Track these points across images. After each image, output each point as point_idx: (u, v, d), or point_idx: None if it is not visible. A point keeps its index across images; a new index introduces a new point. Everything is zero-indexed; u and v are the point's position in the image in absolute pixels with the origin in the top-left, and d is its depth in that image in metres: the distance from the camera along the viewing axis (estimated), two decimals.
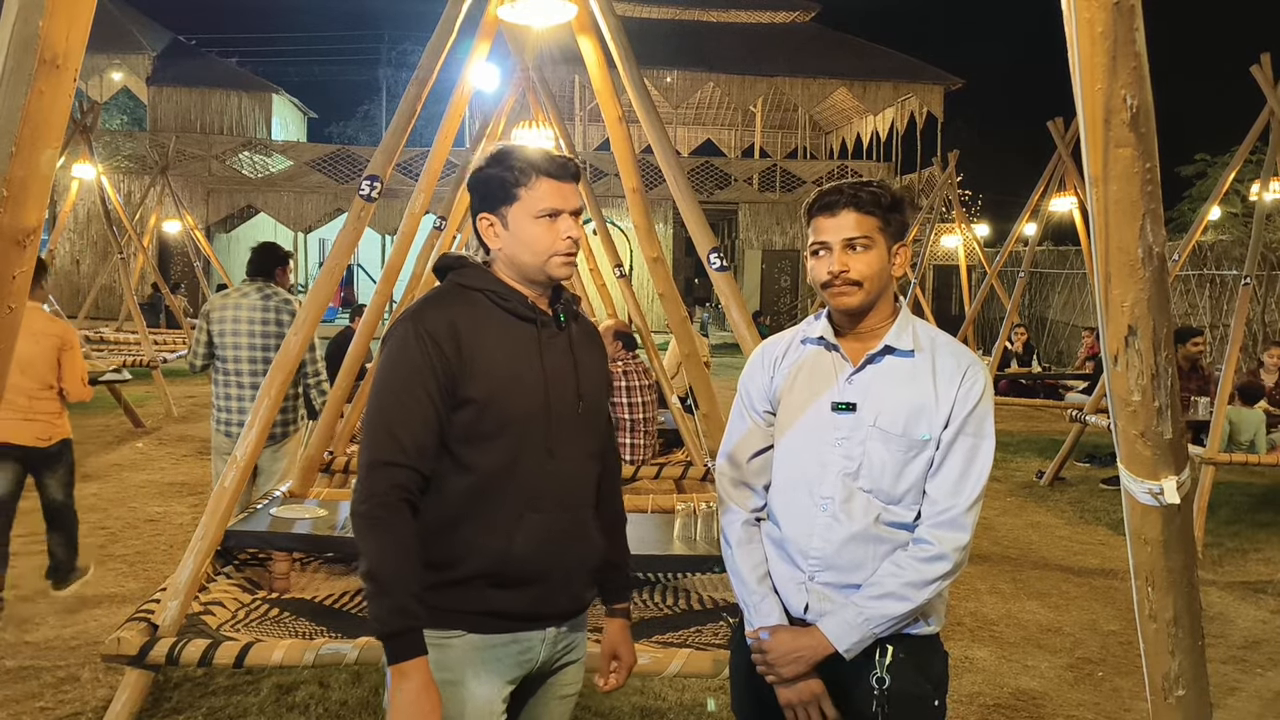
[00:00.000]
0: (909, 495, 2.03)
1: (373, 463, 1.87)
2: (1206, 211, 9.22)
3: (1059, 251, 20.41)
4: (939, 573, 1.99)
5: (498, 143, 2.10)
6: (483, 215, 2.01)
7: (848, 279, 2.03)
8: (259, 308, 5.20)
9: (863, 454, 2.03)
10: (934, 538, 2.00)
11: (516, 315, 2.00)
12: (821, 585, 2.07)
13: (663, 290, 5.13)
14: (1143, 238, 1.45)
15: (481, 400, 1.91)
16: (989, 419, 2.04)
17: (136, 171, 25.60)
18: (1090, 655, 4.77)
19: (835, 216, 2.04)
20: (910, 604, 1.99)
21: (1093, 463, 9.51)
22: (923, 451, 2.02)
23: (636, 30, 10.42)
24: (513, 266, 2.02)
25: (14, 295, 1.40)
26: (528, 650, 2.00)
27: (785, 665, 2.03)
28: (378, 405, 1.92)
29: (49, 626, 4.69)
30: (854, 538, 2.03)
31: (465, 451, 1.93)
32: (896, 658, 2.03)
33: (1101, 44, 1.35)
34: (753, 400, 2.21)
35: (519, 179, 1.98)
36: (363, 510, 1.86)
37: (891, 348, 2.06)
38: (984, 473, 2.02)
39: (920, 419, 2.02)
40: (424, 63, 4.10)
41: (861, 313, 2.07)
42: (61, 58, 1.33)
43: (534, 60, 8.22)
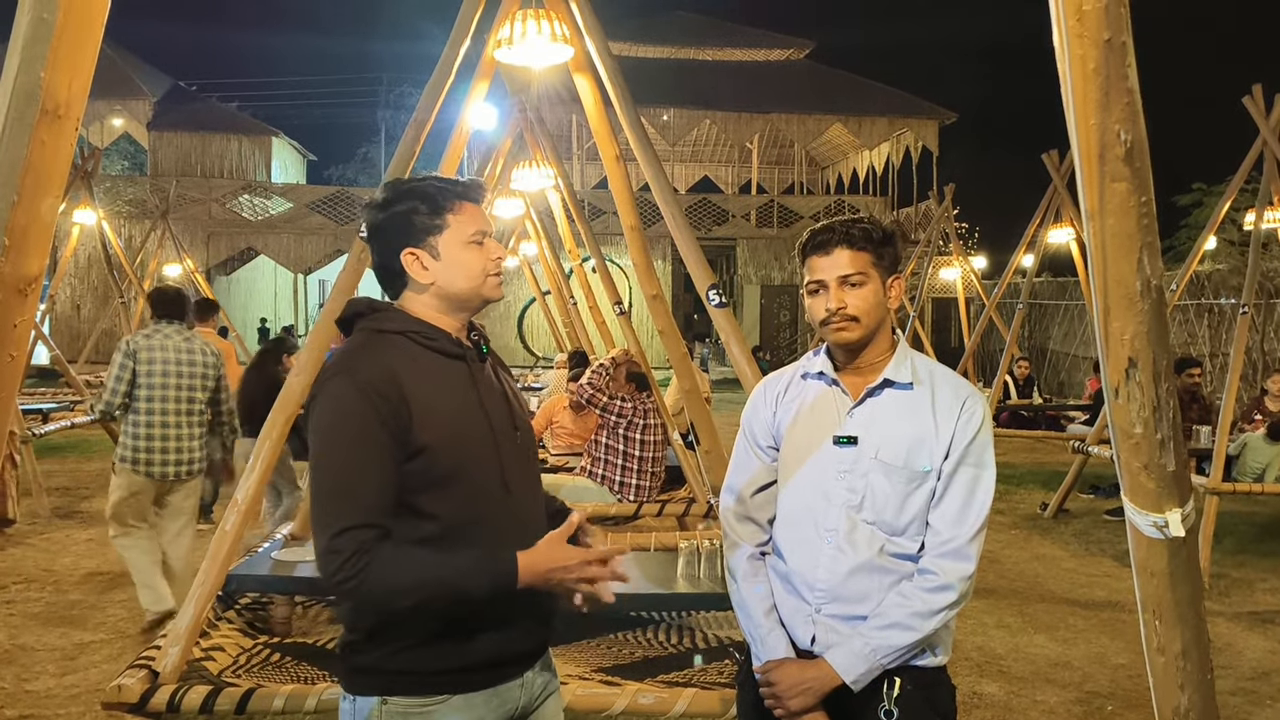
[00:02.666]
0: (912, 526, 2.05)
1: (337, 532, 1.72)
2: (1203, 241, 9.25)
3: (1058, 283, 20.45)
4: (945, 603, 2.00)
5: (388, 181, 2.07)
6: (408, 251, 1.93)
7: (845, 315, 2.06)
8: (184, 349, 5.32)
9: (865, 486, 2.05)
10: (938, 568, 2.01)
11: (445, 354, 1.94)
12: (828, 617, 2.08)
13: (662, 327, 5.15)
14: (1140, 270, 1.46)
15: (434, 446, 1.83)
16: (989, 449, 2.06)
17: (137, 216, 25.73)
18: (1099, 689, 4.72)
19: (829, 255, 2.08)
20: (917, 634, 2.00)
21: (1096, 494, 9.47)
22: (924, 483, 2.04)
23: (633, 69, 10.52)
24: (445, 298, 1.96)
25: (15, 343, 1.41)
26: (508, 701, 1.96)
27: (793, 698, 2.03)
28: (329, 468, 1.80)
29: (49, 675, 4.65)
30: (859, 569, 2.05)
31: (422, 501, 1.84)
32: (904, 690, 2.03)
33: (1094, 80, 1.36)
34: (756, 436, 2.23)
35: (444, 206, 1.94)
36: (345, 576, 1.72)
37: (891, 381, 2.09)
38: (986, 503, 2.04)
39: (921, 451, 2.04)
40: (423, 104, 4.14)
41: (860, 347, 2.10)
42: (63, 108, 1.34)
43: (531, 100, 8.29)
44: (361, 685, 1.90)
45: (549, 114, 14.49)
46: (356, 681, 1.91)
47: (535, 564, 1.85)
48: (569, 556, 1.88)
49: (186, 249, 19.68)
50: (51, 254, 19.55)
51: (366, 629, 1.88)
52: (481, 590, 1.81)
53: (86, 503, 8.68)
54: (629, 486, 6.44)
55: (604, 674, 3.75)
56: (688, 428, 7.35)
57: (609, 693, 3.32)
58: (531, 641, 1.99)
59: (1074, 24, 1.35)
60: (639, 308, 20.45)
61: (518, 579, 1.83)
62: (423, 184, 1.97)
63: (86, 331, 22.60)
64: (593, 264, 8.92)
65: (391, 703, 1.87)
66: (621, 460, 6.50)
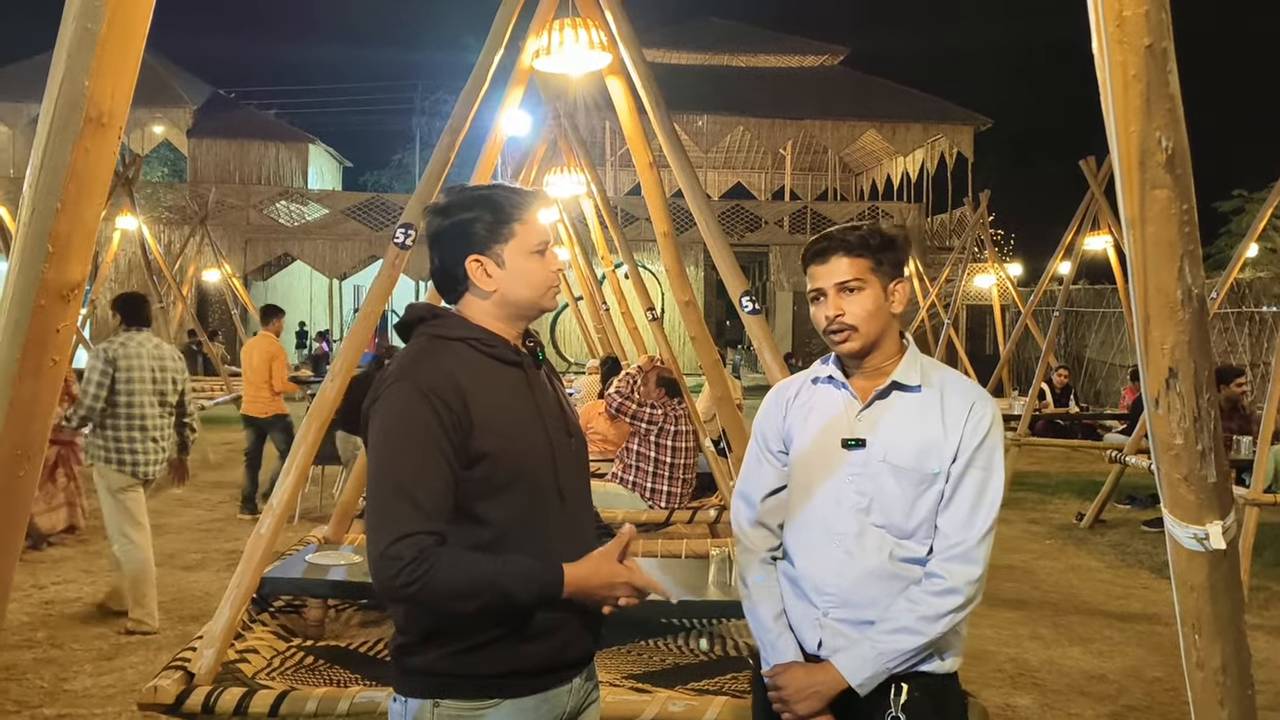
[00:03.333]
0: (921, 529, 2.06)
1: (398, 537, 1.72)
2: (1244, 249, 9.11)
3: (1095, 290, 20.24)
4: (951, 606, 2.00)
5: (451, 186, 2.08)
6: (473, 258, 1.94)
7: (843, 322, 2.08)
8: (155, 355, 5.56)
9: (875, 489, 2.06)
10: (946, 571, 2.02)
11: (504, 361, 1.95)
12: (836, 621, 2.09)
13: (695, 333, 5.14)
14: (1181, 279, 1.43)
15: (494, 453, 1.85)
16: (998, 452, 2.08)
17: (176, 222, 26.03)
18: (1135, 703, 4.66)
19: (827, 263, 2.10)
20: (923, 638, 2.00)
21: (1133, 504, 9.35)
22: (933, 485, 2.05)
23: (666, 75, 10.52)
24: (506, 306, 1.97)
25: (58, 348, 1.43)
26: (557, 707, 1.97)
27: (800, 701, 2.04)
28: (390, 472, 1.80)
29: (86, 674, 4.71)
30: (868, 574, 2.06)
31: (480, 507, 1.86)
32: (912, 696, 2.03)
33: (1135, 87, 1.34)
34: (767, 441, 2.25)
35: (512, 215, 1.95)
36: (406, 581, 1.72)
37: (899, 384, 2.11)
38: (994, 506, 2.05)
39: (930, 453, 2.05)
40: (458, 111, 4.16)
41: (864, 354, 2.12)
42: (107, 116, 1.36)
43: (565, 107, 8.32)
44: (413, 687, 1.91)
45: (582, 120, 14.54)
46: (408, 683, 1.92)
47: (583, 579, 1.87)
48: (615, 576, 1.89)
49: (224, 255, 19.91)
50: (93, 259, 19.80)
51: (420, 632, 1.89)
52: (530, 599, 1.83)
53: None
54: (660, 493, 6.44)
55: (635, 681, 3.75)
56: (720, 434, 7.34)
57: (640, 700, 3.31)
58: (581, 649, 2.00)
59: (1114, 30, 1.33)
60: (671, 314, 20.44)
61: (563, 591, 1.84)
62: (491, 192, 1.98)
63: None
64: (625, 270, 8.92)
65: (443, 705, 1.87)
66: (653, 467, 6.49)
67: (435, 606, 1.81)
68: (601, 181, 10.00)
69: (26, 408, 1.44)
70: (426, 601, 1.78)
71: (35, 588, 6.09)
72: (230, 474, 10.74)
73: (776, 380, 4.01)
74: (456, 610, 1.81)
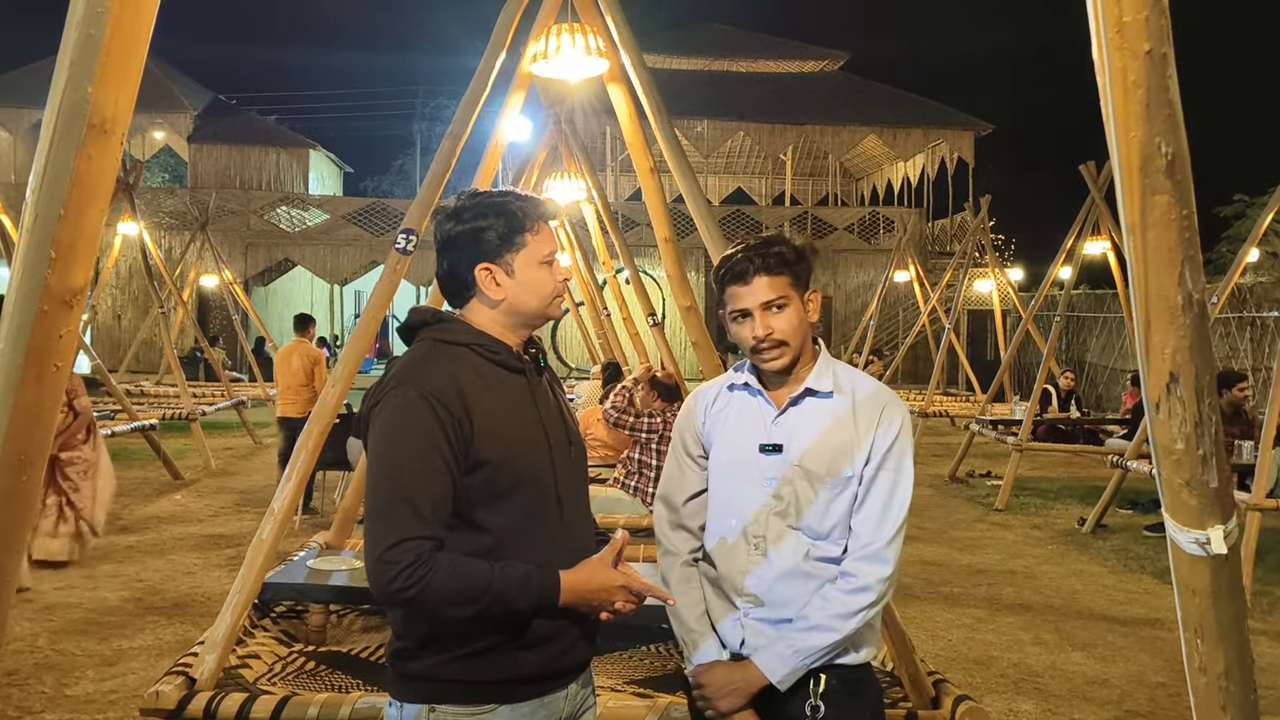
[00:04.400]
0: (835, 530, 2.13)
1: (396, 542, 1.73)
2: (1245, 253, 9.11)
3: (1095, 295, 20.23)
4: (863, 604, 2.08)
5: (464, 191, 2.08)
6: (483, 266, 1.94)
7: (774, 340, 2.12)
8: None
9: (791, 493, 2.13)
10: (858, 571, 2.09)
11: (507, 367, 1.95)
12: (756, 621, 2.15)
13: (696, 338, 5.14)
14: (1182, 284, 1.43)
15: (496, 460, 1.85)
16: (907, 455, 2.14)
17: (177, 227, 26.08)
18: (1138, 708, 4.65)
19: (749, 284, 2.13)
20: (838, 635, 2.08)
21: (1135, 509, 9.34)
22: (847, 489, 2.12)
23: (667, 81, 10.54)
24: (513, 314, 1.97)
25: (60, 353, 1.43)
26: (554, 713, 1.97)
27: (722, 698, 2.11)
28: (390, 477, 1.79)
29: (88, 680, 4.71)
30: (785, 574, 2.13)
31: (479, 513, 1.86)
32: (829, 685, 2.11)
33: (1135, 93, 1.35)
34: (687, 446, 2.30)
35: (525, 225, 1.95)
36: (403, 586, 1.72)
37: (813, 390, 2.17)
38: (904, 506, 2.12)
39: (843, 458, 2.12)
40: (458, 116, 4.17)
41: (790, 368, 2.17)
42: (110, 122, 1.36)
43: (566, 113, 8.33)
44: (410, 692, 1.90)
45: (583, 126, 14.56)
46: (405, 689, 1.91)
47: (580, 585, 1.88)
48: (611, 581, 1.91)
49: (225, 260, 19.90)
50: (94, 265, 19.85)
51: (418, 637, 1.89)
52: (527, 605, 1.84)
53: (127, 510, 8.79)
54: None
55: (636, 686, 3.75)
56: None
57: (641, 705, 3.31)
58: (578, 655, 2.00)
59: (1114, 36, 1.34)
60: (673, 319, 20.45)
61: (560, 598, 1.85)
62: (505, 200, 1.98)
63: (127, 341, 22.91)
64: (626, 275, 8.93)
65: (440, 711, 1.87)
66: (654, 473, 6.49)
67: (432, 611, 1.82)
68: (602, 187, 10.01)
69: (29, 414, 1.44)
70: (424, 606, 1.79)
71: (37, 593, 6.09)
72: (231, 480, 10.75)
73: None
74: (453, 615, 1.81)
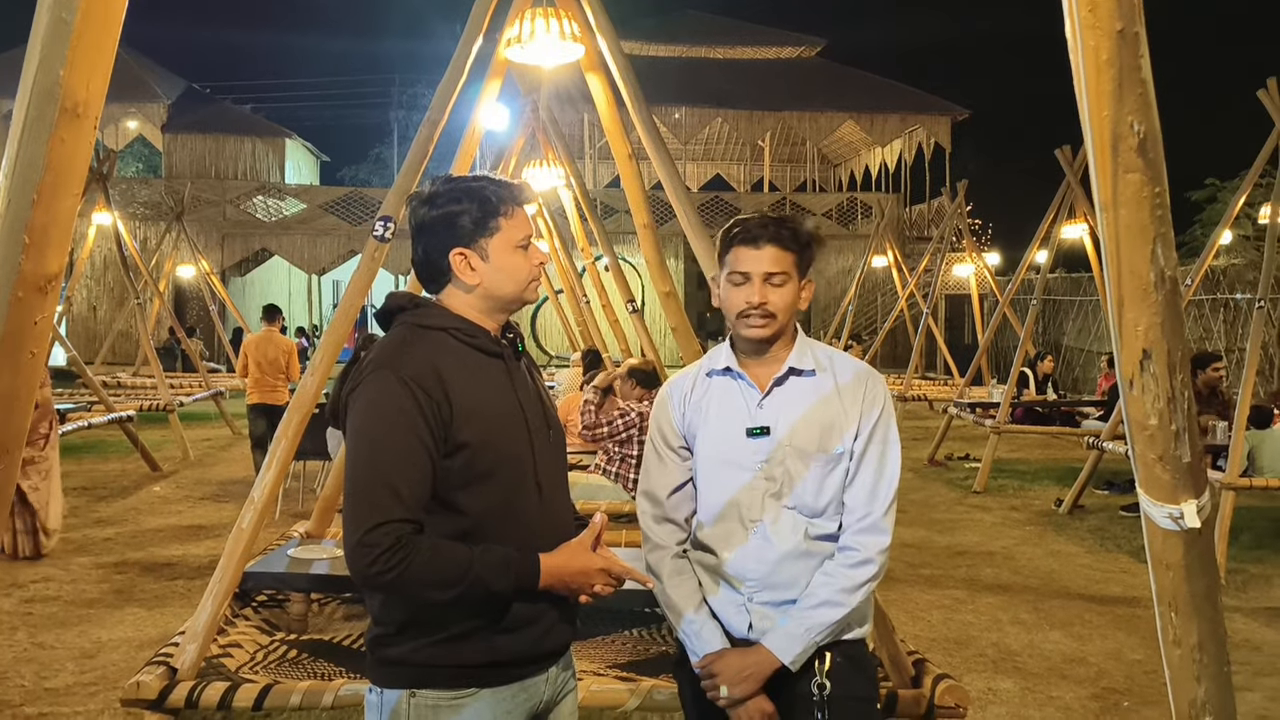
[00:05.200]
0: (830, 507, 2.15)
1: (374, 525, 1.73)
2: (1218, 236, 9.19)
3: (1072, 278, 20.37)
4: (867, 576, 2.11)
5: (437, 176, 2.07)
6: (457, 251, 1.94)
7: (766, 311, 2.13)
8: None
9: (783, 474, 2.14)
10: (858, 544, 2.11)
11: (484, 351, 1.95)
12: (761, 604, 2.15)
13: (675, 324, 5.14)
14: (1154, 262, 1.45)
15: (475, 443, 1.85)
16: (893, 425, 2.18)
17: (152, 218, 25.87)
18: (1115, 685, 4.71)
19: (758, 250, 2.14)
20: (844, 609, 2.10)
21: (1112, 490, 9.43)
22: (839, 465, 2.14)
23: (644, 68, 10.53)
24: (489, 299, 1.97)
25: (36, 340, 1.42)
26: (534, 696, 1.98)
27: (736, 685, 2.09)
28: (369, 461, 1.79)
29: (68, 672, 4.69)
30: (787, 555, 2.14)
31: (458, 497, 1.85)
32: (835, 662, 2.12)
33: (1107, 71, 1.36)
34: (666, 437, 2.28)
35: (499, 210, 1.94)
36: (382, 569, 1.72)
37: (796, 369, 2.18)
38: (894, 476, 2.15)
39: (833, 434, 2.14)
40: (435, 103, 4.15)
41: (771, 341, 2.18)
42: (82, 106, 1.35)
43: (543, 100, 8.30)
44: (390, 678, 1.91)
45: (561, 113, 14.51)
46: (385, 674, 1.92)
47: (559, 568, 1.89)
48: (590, 564, 1.92)
49: (201, 250, 19.76)
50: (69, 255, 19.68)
51: (396, 622, 1.89)
52: (505, 588, 1.84)
53: (104, 503, 8.74)
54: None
55: (619, 670, 3.76)
56: None
57: (624, 688, 3.33)
58: (558, 639, 2.00)
59: (1086, 15, 1.35)
60: (652, 306, 20.46)
61: (540, 581, 1.86)
62: (479, 185, 1.97)
63: (103, 333, 22.75)
64: (605, 262, 8.92)
65: (420, 695, 1.88)
66: (636, 460, 6.50)
67: (412, 595, 1.82)
68: (580, 174, 9.99)
69: (5, 401, 1.43)
70: (403, 590, 1.79)
71: (15, 586, 6.05)
72: (209, 470, 10.69)
73: None
74: (433, 599, 1.81)
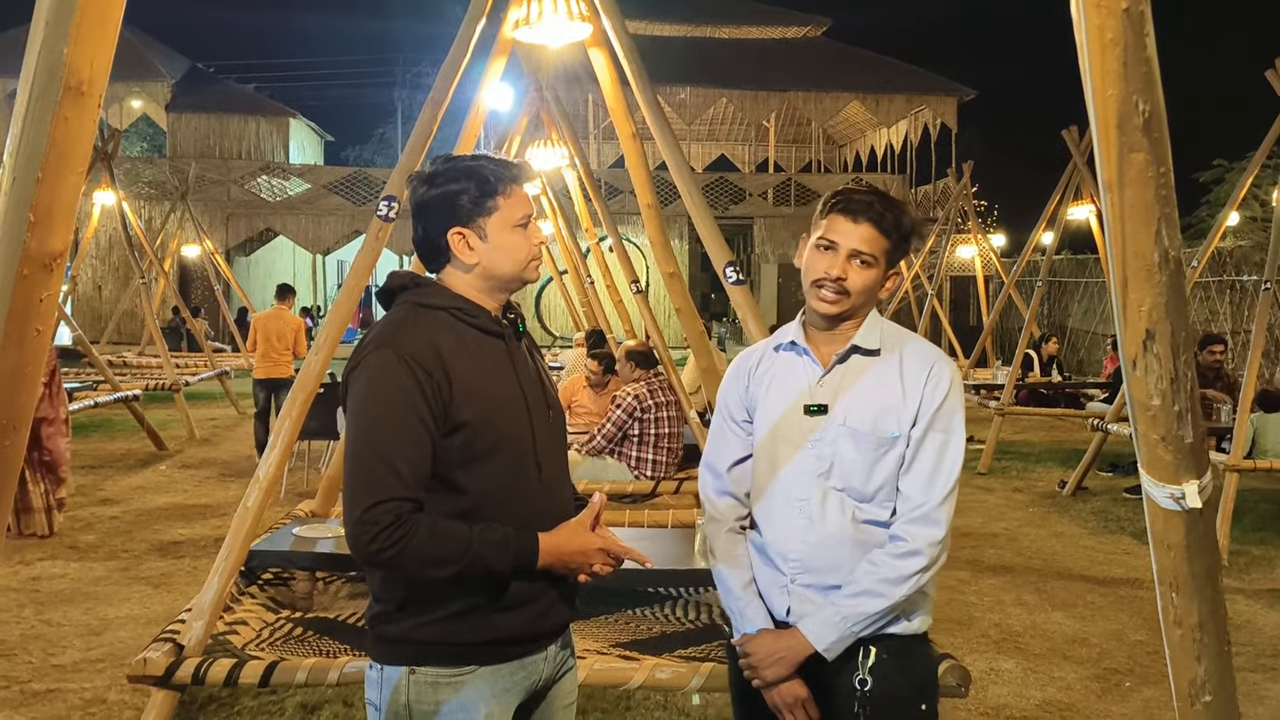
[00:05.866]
0: (881, 493, 2.06)
1: (375, 503, 1.74)
2: (1225, 217, 9.16)
3: (1077, 260, 20.32)
4: (914, 568, 2.01)
5: (437, 156, 2.07)
6: (455, 230, 1.93)
7: (841, 287, 2.06)
8: None
9: (834, 454, 2.06)
10: (908, 534, 2.02)
11: (485, 331, 1.96)
12: (802, 587, 2.10)
13: (679, 305, 5.15)
14: (1158, 242, 1.45)
15: (475, 423, 1.86)
16: (958, 415, 2.07)
17: (157, 197, 25.85)
18: (1117, 665, 4.73)
19: (854, 224, 2.05)
20: (887, 601, 2.01)
21: (1115, 472, 9.43)
22: (892, 449, 2.05)
23: (649, 47, 10.48)
24: (488, 279, 1.97)
25: (41, 317, 1.42)
26: (533, 674, 1.99)
27: (768, 667, 2.06)
28: (369, 439, 1.80)
29: (75, 649, 4.72)
30: (830, 538, 2.07)
31: (458, 476, 1.87)
32: (879, 659, 2.05)
33: (1112, 50, 1.35)
34: (730, 410, 2.24)
35: (497, 189, 1.94)
36: (382, 547, 1.74)
37: (858, 347, 2.10)
38: (955, 468, 2.05)
39: (888, 417, 2.05)
40: (439, 83, 4.14)
41: (840, 318, 2.11)
42: (86, 84, 1.35)
43: (547, 79, 8.27)
44: (390, 655, 1.92)
45: (565, 93, 14.45)
46: (385, 651, 1.93)
47: (557, 547, 1.89)
48: (589, 544, 1.92)
49: (206, 230, 19.75)
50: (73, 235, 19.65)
51: (396, 600, 1.90)
52: (504, 567, 1.85)
53: (110, 482, 8.78)
54: (646, 462, 6.46)
55: (622, 649, 3.78)
56: (705, 406, 7.36)
57: (627, 667, 3.34)
58: (557, 618, 2.01)
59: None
60: (656, 286, 20.44)
61: (538, 560, 1.87)
62: (477, 164, 1.97)
63: (108, 312, 22.77)
64: (610, 243, 8.90)
65: (420, 673, 1.89)
66: (638, 438, 6.51)
67: (411, 573, 1.83)
68: (584, 154, 9.96)
69: (11, 379, 1.43)
70: (403, 567, 1.80)
71: (22, 564, 6.09)
72: (215, 450, 10.73)
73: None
74: (432, 577, 1.82)
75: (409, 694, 1.89)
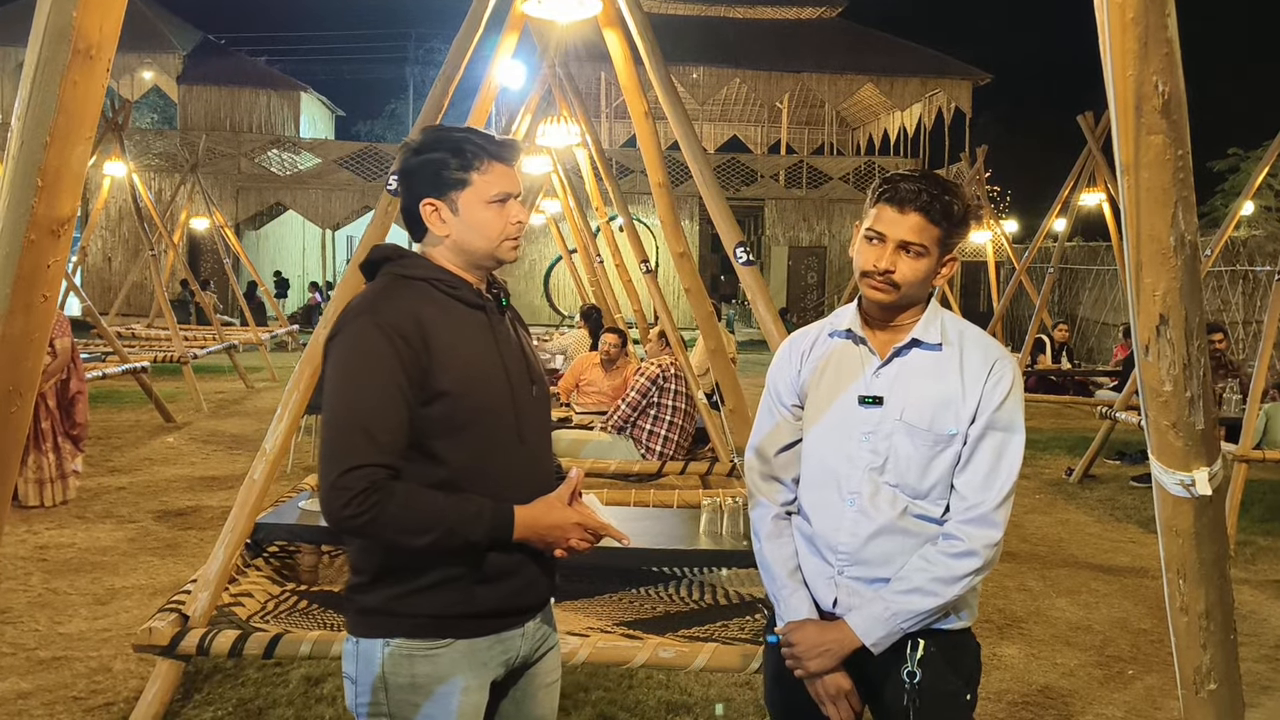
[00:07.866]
0: (935, 490, 2.01)
1: (349, 468, 1.73)
2: (1239, 206, 9.10)
3: (1089, 248, 20.21)
4: (968, 569, 1.96)
5: (429, 125, 2.05)
6: (427, 201, 1.93)
7: (889, 279, 1.99)
8: None
9: (889, 448, 2.01)
10: (963, 534, 1.97)
11: (466, 303, 1.95)
12: (850, 579, 2.05)
13: (689, 285, 5.13)
14: (1174, 225, 1.43)
15: (455, 393, 1.85)
16: (1019, 413, 2.00)
17: (167, 169, 25.85)
18: (1120, 653, 4.73)
19: (901, 214, 1.98)
20: (938, 600, 1.97)
21: (1123, 460, 9.42)
22: (949, 446, 1.99)
23: (662, 26, 10.43)
24: (460, 253, 1.96)
25: (48, 283, 1.42)
26: (510, 649, 1.98)
27: (812, 659, 2.02)
28: (345, 405, 1.80)
29: (81, 618, 4.75)
30: (881, 532, 2.02)
31: (437, 446, 1.86)
32: (928, 652, 2.02)
33: (1133, 30, 1.34)
34: (780, 394, 2.18)
35: (471, 163, 1.92)
36: (354, 513, 1.73)
37: (919, 340, 2.04)
38: (1014, 468, 1.99)
39: (947, 413, 1.99)
40: (450, 59, 4.11)
41: (893, 308, 2.05)
42: (95, 48, 1.34)
43: (560, 56, 8.23)
44: (366, 627, 1.92)
45: (577, 71, 14.39)
46: (361, 623, 1.93)
47: (533, 520, 1.88)
48: (565, 519, 1.91)
49: (216, 203, 19.72)
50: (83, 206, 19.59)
51: (372, 570, 1.90)
52: (479, 538, 1.84)
53: (118, 453, 8.81)
54: (658, 438, 6.48)
55: (625, 628, 3.79)
56: (713, 388, 7.37)
57: (630, 646, 3.35)
58: (536, 594, 2.01)
59: None
60: (666, 267, 20.40)
61: (514, 532, 1.86)
62: (459, 136, 1.95)
63: (118, 284, 22.82)
64: (620, 222, 8.87)
65: (396, 645, 1.88)
66: (654, 414, 6.53)
67: (385, 540, 1.81)
68: (596, 133, 9.92)
69: (18, 344, 1.43)
70: (376, 534, 1.78)
71: (30, 533, 6.12)
72: (222, 423, 10.75)
73: (770, 333, 4.01)
74: (406, 545, 1.81)
75: (385, 666, 1.88)
